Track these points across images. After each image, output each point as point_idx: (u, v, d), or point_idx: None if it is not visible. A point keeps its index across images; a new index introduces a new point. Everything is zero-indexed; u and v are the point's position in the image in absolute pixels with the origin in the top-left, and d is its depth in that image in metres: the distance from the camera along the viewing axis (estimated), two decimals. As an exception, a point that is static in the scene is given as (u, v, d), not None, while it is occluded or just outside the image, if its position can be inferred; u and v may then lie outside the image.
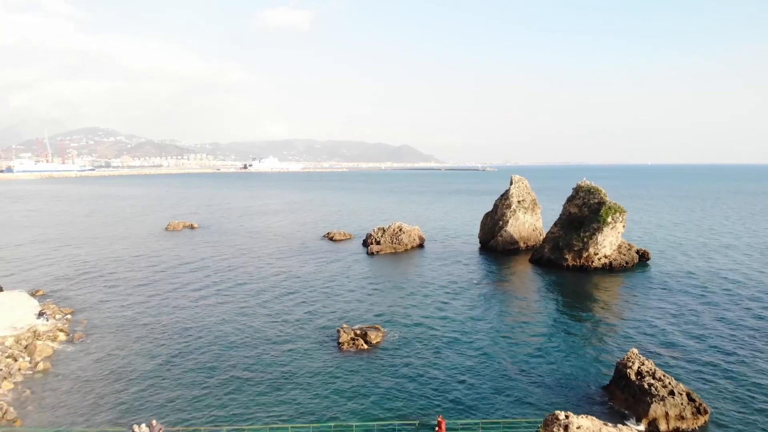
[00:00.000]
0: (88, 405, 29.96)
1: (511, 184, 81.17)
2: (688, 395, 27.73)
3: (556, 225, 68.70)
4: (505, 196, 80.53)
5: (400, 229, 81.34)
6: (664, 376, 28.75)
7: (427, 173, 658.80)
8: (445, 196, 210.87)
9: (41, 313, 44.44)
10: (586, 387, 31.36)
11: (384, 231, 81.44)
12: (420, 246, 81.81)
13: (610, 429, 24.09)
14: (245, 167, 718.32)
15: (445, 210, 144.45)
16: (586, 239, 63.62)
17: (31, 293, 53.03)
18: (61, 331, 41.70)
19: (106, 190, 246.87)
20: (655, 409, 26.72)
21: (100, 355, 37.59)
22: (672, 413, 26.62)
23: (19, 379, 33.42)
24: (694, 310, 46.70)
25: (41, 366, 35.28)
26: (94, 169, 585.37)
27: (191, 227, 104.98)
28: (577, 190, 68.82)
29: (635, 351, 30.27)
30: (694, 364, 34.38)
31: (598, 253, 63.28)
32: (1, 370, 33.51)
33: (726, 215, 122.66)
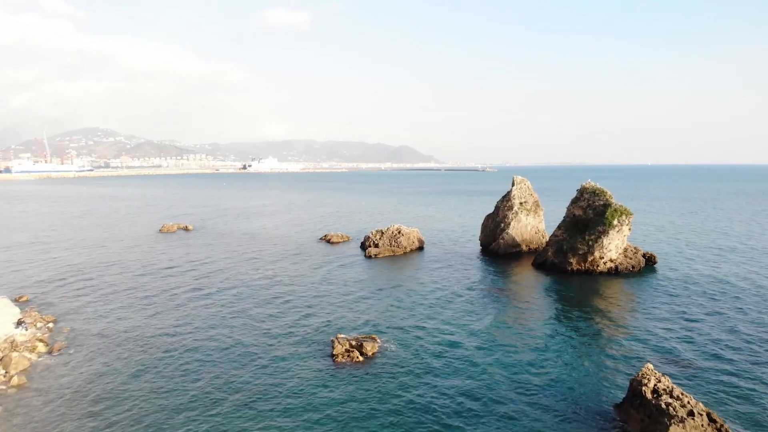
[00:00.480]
0: (63, 423, 27.81)
1: (512, 185, 78.92)
2: (709, 415, 25.58)
3: (560, 228, 66.48)
4: (506, 198, 78.36)
5: (399, 232, 79.18)
6: (683, 394, 26.61)
7: (427, 174, 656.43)
8: (445, 196, 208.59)
9: (20, 322, 42.29)
10: (598, 405, 29.21)
11: (382, 233, 79.31)
12: (419, 249, 79.67)
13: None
14: (244, 167, 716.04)
15: (445, 211, 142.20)
16: (591, 242, 61.47)
17: (14, 299, 50.83)
18: (40, 341, 39.51)
19: (102, 191, 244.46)
20: (674, 432, 24.60)
21: (80, 367, 35.44)
22: (692, 436, 24.50)
23: (-10, 395, 31.31)
24: (707, 318, 44.54)
25: (15, 380, 33.07)
26: (92, 170, 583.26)
27: (186, 229, 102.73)
28: (582, 192, 66.56)
29: (650, 366, 28.11)
30: (709, 380, 32.23)
31: (603, 257, 61.15)
32: (-30, 385, 31.40)
33: (730, 217, 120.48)
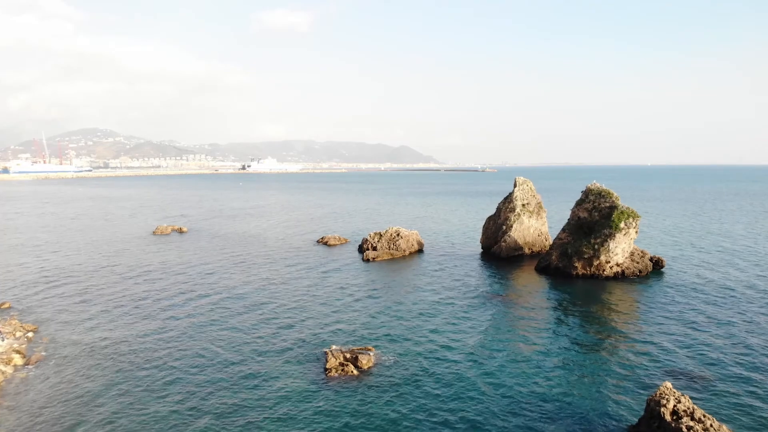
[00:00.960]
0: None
1: (515, 186, 76.67)
2: (734, 440, 23.49)
3: (564, 231, 64.25)
4: (508, 199, 76.15)
5: (398, 234, 76.98)
6: (705, 416, 24.43)
7: (427, 174, 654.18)
8: (445, 197, 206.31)
9: (-3, 332, 40.13)
10: (609, 426, 27.00)
11: (381, 236, 77.11)
12: (419, 251, 77.47)
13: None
14: (244, 168, 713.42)
15: (445, 212, 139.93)
16: (596, 246, 59.27)
17: (-6, 307, 48.73)
18: (17, 352, 37.33)
19: (99, 192, 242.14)
20: (697, 460, 22.44)
21: (58, 381, 33.26)
22: (717, 464, 22.35)
23: (-43, 413, 29.12)
24: (720, 328, 42.30)
25: (-14, 396, 30.98)
26: (91, 170, 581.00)
27: (180, 231, 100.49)
28: (587, 194, 64.32)
29: (669, 385, 25.93)
30: (729, 399, 30.04)
31: (609, 261, 58.94)
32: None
33: (735, 219, 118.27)
